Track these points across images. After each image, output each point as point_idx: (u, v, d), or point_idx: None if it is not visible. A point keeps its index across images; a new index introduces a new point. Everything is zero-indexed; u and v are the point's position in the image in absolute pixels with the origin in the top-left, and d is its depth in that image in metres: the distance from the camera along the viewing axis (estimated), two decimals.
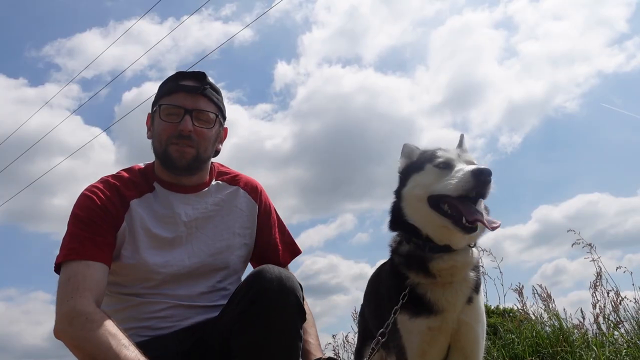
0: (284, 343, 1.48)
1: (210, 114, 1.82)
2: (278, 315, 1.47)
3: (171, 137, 1.77)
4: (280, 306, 1.47)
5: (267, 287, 1.47)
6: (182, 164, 1.78)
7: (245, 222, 1.94)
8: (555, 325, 3.64)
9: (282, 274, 1.52)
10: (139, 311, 1.69)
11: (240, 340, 1.49)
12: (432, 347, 1.67)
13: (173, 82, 1.82)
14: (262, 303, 1.47)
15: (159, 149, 1.81)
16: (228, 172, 2.03)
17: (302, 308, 1.52)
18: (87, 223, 1.66)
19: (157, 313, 1.70)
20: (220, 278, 1.83)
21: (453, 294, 1.66)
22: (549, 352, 3.36)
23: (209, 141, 1.83)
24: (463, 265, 1.67)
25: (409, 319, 1.67)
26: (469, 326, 1.69)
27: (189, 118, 1.76)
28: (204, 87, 1.81)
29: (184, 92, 1.79)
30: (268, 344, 1.46)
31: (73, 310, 1.47)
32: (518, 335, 3.71)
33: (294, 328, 1.51)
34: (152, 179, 1.85)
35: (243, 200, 1.96)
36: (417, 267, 1.67)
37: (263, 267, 1.54)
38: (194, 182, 1.88)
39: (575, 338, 3.43)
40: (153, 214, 1.78)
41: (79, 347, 1.46)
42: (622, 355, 3.06)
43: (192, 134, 1.76)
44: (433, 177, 1.67)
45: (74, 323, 1.46)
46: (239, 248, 1.89)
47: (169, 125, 1.78)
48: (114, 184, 1.78)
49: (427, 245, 1.66)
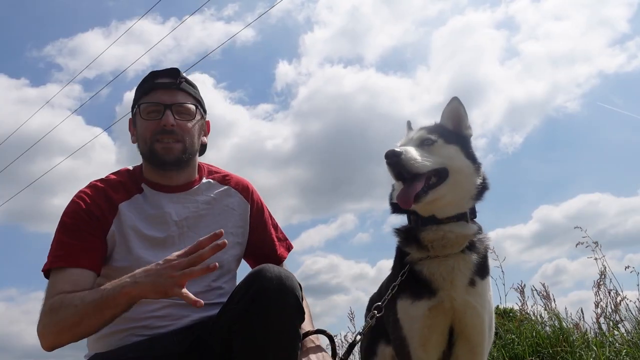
0: (283, 343, 1.47)
1: (190, 105, 1.84)
2: (277, 315, 1.46)
3: (155, 134, 1.78)
4: (280, 306, 1.47)
5: (266, 287, 1.47)
6: (170, 158, 1.78)
7: (237, 221, 1.94)
8: (555, 325, 3.64)
9: (282, 273, 1.52)
10: (135, 311, 1.68)
11: (239, 339, 1.48)
12: (433, 332, 1.66)
13: (148, 82, 1.85)
14: (261, 302, 1.46)
15: (145, 149, 1.82)
16: (218, 172, 2.03)
17: (301, 308, 1.52)
18: (73, 230, 1.68)
19: (153, 312, 1.69)
20: (215, 277, 1.82)
21: (449, 271, 1.67)
22: (549, 352, 3.36)
23: (193, 134, 1.84)
24: (456, 237, 1.68)
25: (410, 303, 1.68)
26: (475, 310, 1.67)
27: (170, 112, 1.77)
28: (179, 82, 1.84)
29: (161, 89, 1.82)
30: (267, 344, 1.45)
31: (49, 306, 1.53)
32: (518, 335, 3.71)
33: (293, 328, 1.50)
34: (140, 181, 1.86)
35: (235, 199, 1.96)
36: (413, 240, 1.73)
37: (263, 267, 1.54)
38: (183, 181, 1.88)
39: (575, 338, 3.42)
40: (143, 215, 1.78)
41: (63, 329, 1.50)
42: (622, 356, 3.06)
43: (175, 128, 1.77)
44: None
45: (51, 314, 1.51)
46: (232, 247, 1.88)
47: (150, 122, 1.79)
48: (101, 188, 1.78)
49: (419, 219, 1.73)
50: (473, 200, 1.74)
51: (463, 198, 1.72)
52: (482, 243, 1.75)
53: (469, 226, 1.71)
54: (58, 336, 1.52)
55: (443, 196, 1.67)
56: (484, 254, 1.75)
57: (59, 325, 1.50)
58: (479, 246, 1.73)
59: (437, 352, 1.70)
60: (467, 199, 1.73)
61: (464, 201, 1.72)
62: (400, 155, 1.62)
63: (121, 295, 1.43)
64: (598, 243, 3.77)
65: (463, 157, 1.74)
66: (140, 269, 1.47)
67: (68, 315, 1.48)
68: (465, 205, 1.72)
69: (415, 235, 1.72)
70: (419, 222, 1.73)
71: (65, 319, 1.48)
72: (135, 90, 1.90)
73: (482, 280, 1.71)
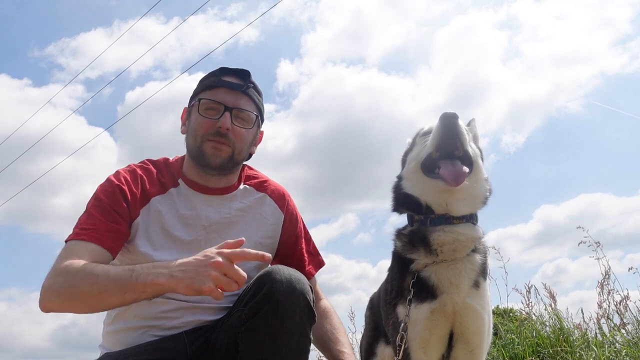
0: (292, 345, 1.45)
1: (251, 113, 1.78)
2: (287, 317, 1.44)
3: (208, 133, 1.73)
4: (290, 308, 1.44)
5: (276, 289, 1.44)
6: (215, 162, 1.74)
7: (268, 232, 1.89)
8: (556, 325, 3.63)
9: (292, 275, 1.49)
10: (148, 310, 1.67)
11: (248, 341, 1.46)
12: (433, 334, 1.65)
13: (215, 77, 1.79)
14: (270, 304, 1.44)
15: (193, 145, 1.77)
16: (256, 177, 1.97)
17: (311, 310, 1.49)
18: (105, 208, 1.65)
19: (166, 313, 1.68)
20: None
21: (457, 275, 1.65)
22: (549, 352, 3.35)
23: (245, 142, 1.79)
24: (466, 240, 1.66)
25: (414, 307, 1.65)
26: (477, 313, 1.67)
27: (229, 115, 1.72)
28: (247, 86, 1.78)
29: (226, 88, 1.76)
30: (276, 346, 1.43)
31: (65, 266, 1.47)
32: (518, 335, 3.71)
33: (303, 330, 1.47)
34: (178, 175, 1.81)
35: (269, 208, 1.91)
36: (420, 244, 1.67)
37: (273, 268, 1.51)
38: (222, 185, 1.84)
39: (576, 338, 3.42)
40: (174, 212, 1.74)
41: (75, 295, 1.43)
42: (622, 356, 3.06)
43: (229, 133, 1.72)
44: (421, 146, 1.76)
45: (66, 275, 1.45)
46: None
47: (207, 120, 1.74)
48: (140, 175, 1.75)
49: (428, 218, 1.69)
50: (482, 204, 1.75)
51: (478, 197, 1.73)
52: (483, 245, 1.76)
53: (476, 228, 1.72)
54: (66, 301, 1.45)
55: (471, 186, 1.68)
56: (485, 255, 1.76)
57: (72, 290, 1.43)
58: (481, 248, 1.74)
59: (437, 354, 1.69)
60: (480, 199, 1.74)
61: (478, 201, 1.73)
62: (459, 119, 1.63)
63: (152, 284, 1.37)
64: (600, 243, 3.77)
65: (481, 161, 1.79)
66: (178, 261, 1.39)
67: (87, 283, 1.41)
68: (476, 206, 1.73)
69: (423, 237, 1.68)
70: (427, 222, 1.69)
71: (81, 286, 1.41)
72: (200, 81, 1.84)
73: (484, 282, 1.72)
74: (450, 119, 1.63)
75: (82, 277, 1.42)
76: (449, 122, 1.63)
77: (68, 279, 1.43)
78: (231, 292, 1.37)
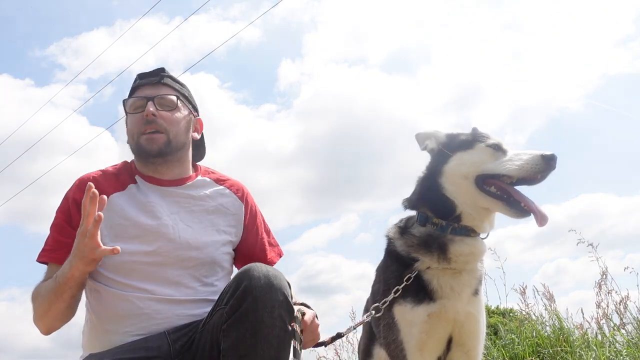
0: (273, 339, 1.47)
1: (171, 96, 1.89)
2: (266, 312, 1.46)
3: (140, 126, 1.83)
4: (268, 303, 1.47)
5: (254, 285, 1.47)
6: (153, 149, 1.82)
7: (230, 221, 1.94)
8: (556, 325, 3.64)
9: (270, 272, 1.52)
10: (125, 308, 1.69)
11: (230, 338, 1.48)
12: (431, 338, 1.64)
13: (135, 82, 1.94)
14: (249, 300, 1.46)
15: (132, 143, 1.87)
16: (214, 172, 2.05)
17: (290, 306, 1.52)
18: (60, 226, 1.79)
19: (144, 309, 1.69)
20: (207, 273, 1.82)
21: (460, 283, 1.66)
22: (549, 352, 3.36)
23: (177, 125, 1.87)
24: (479, 254, 1.68)
25: (411, 308, 1.64)
26: (476, 319, 1.68)
27: (152, 103, 1.84)
28: (162, 77, 1.91)
29: (144, 85, 1.90)
30: (257, 341, 1.45)
31: (32, 296, 1.74)
32: (518, 335, 3.71)
33: (283, 324, 1.49)
34: (135, 173, 1.90)
35: (229, 200, 1.96)
36: (436, 249, 1.65)
37: (251, 265, 1.54)
38: (176, 176, 1.91)
39: (575, 338, 3.42)
40: (136, 204, 1.80)
41: (41, 315, 1.71)
42: (622, 356, 3.06)
43: (156, 118, 1.82)
44: (485, 156, 1.69)
45: (33, 303, 1.73)
46: (223, 245, 1.89)
47: (135, 116, 1.86)
48: (93, 180, 1.80)
49: (450, 227, 1.67)
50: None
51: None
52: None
53: (484, 242, 1.74)
54: (43, 321, 1.73)
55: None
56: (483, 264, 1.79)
57: (38, 312, 1.71)
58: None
59: (433, 356, 1.69)
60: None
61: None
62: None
63: (67, 279, 1.60)
64: (593, 245, 3.80)
65: None
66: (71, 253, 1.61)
67: (40, 302, 1.69)
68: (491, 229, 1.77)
69: (442, 243, 1.66)
70: (448, 229, 1.67)
71: (40, 306, 1.69)
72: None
73: (480, 288, 1.74)
74: (555, 162, 1.61)
75: (38, 299, 1.71)
76: (552, 165, 1.61)
77: (34, 305, 1.73)
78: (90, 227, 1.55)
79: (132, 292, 1.71)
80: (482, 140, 1.73)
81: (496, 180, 1.66)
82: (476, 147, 1.72)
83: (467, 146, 1.74)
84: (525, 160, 1.61)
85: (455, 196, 1.68)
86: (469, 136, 1.78)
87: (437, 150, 1.80)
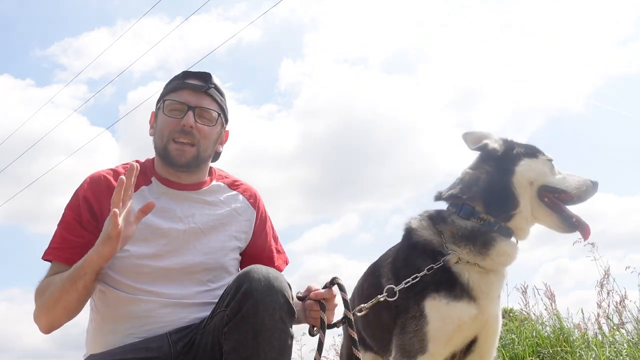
0: (275, 342, 1.46)
1: (213, 112, 1.85)
2: (267, 314, 1.46)
3: (173, 132, 1.80)
4: (269, 305, 1.46)
5: (254, 288, 1.47)
6: (181, 161, 1.80)
7: (242, 227, 1.93)
8: (556, 325, 3.64)
9: (270, 274, 1.52)
10: (131, 310, 1.69)
11: (231, 341, 1.48)
12: (461, 336, 1.65)
13: (179, 80, 1.87)
14: (250, 303, 1.46)
15: (160, 145, 1.83)
16: (228, 177, 2.04)
17: (291, 307, 1.52)
18: (69, 224, 1.74)
19: (150, 312, 1.69)
20: (213, 278, 1.82)
21: (489, 285, 1.67)
22: (549, 352, 3.36)
23: (209, 140, 1.85)
24: (514, 258, 1.72)
25: (446, 303, 1.62)
26: (498, 324, 1.73)
27: (192, 114, 1.79)
28: (209, 87, 1.85)
29: (189, 89, 1.84)
30: (259, 344, 1.45)
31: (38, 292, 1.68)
32: (518, 335, 3.71)
33: (284, 327, 1.49)
34: (151, 174, 1.87)
35: (242, 205, 1.96)
36: (480, 244, 1.67)
37: (251, 267, 1.54)
38: (193, 181, 1.89)
39: (576, 338, 3.43)
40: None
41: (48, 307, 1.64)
42: (622, 356, 3.06)
43: (193, 131, 1.79)
44: (546, 168, 1.80)
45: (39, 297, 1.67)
46: (232, 250, 1.88)
47: (171, 120, 1.81)
48: (104, 178, 1.80)
49: (498, 224, 1.71)
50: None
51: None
52: None
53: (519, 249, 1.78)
54: (48, 315, 1.66)
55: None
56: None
57: (46, 304, 1.64)
58: None
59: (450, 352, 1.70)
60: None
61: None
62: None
63: (86, 263, 1.56)
64: (594, 244, 3.80)
65: None
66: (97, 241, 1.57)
67: (51, 293, 1.63)
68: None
69: (487, 239, 1.68)
70: (496, 227, 1.70)
71: (50, 297, 1.63)
72: (165, 85, 1.91)
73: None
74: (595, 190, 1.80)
75: (48, 290, 1.64)
76: (596, 190, 1.80)
77: (41, 299, 1.66)
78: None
79: (138, 294, 1.71)
80: (542, 153, 1.83)
81: (551, 194, 1.76)
82: (540, 158, 1.82)
83: (531, 154, 1.83)
84: (581, 182, 1.78)
85: (518, 195, 1.74)
86: (526, 146, 1.87)
87: (503, 150, 1.84)
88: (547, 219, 1.76)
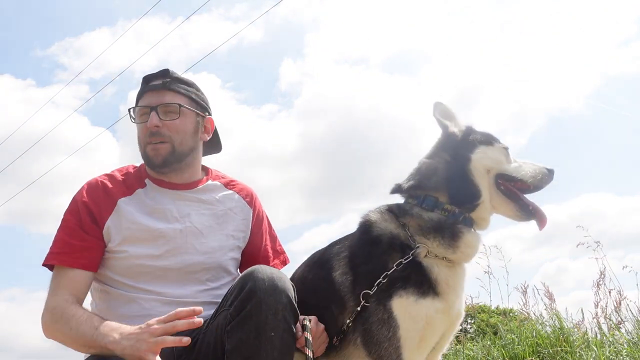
0: (277, 342, 1.47)
1: (175, 104, 1.84)
2: (270, 314, 1.46)
3: (145, 136, 1.82)
4: (272, 305, 1.47)
5: (258, 287, 1.47)
6: (158, 161, 1.81)
7: (239, 226, 1.94)
8: (556, 325, 3.64)
9: (274, 274, 1.52)
10: (131, 309, 1.70)
11: (234, 340, 1.48)
12: (433, 336, 1.59)
13: (141, 86, 1.90)
14: (254, 302, 1.46)
15: (141, 151, 1.87)
16: (224, 177, 2.04)
17: (294, 307, 1.52)
18: (71, 228, 1.74)
19: (150, 311, 1.70)
20: (212, 278, 1.83)
21: (455, 278, 1.62)
22: (549, 352, 3.36)
23: (183, 132, 1.84)
24: (478, 249, 1.70)
25: (414, 301, 1.53)
26: (461, 318, 1.70)
27: (155, 114, 1.80)
28: (166, 81, 1.86)
29: (149, 91, 1.86)
30: (261, 343, 1.45)
31: (51, 310, 1.65)
32: (518, 335, 3.72)
33: (287, 327, 1.49)
34: (144, 176, 1.89)
35: (238, 204, 1.97)
36: (448, 236, 1.61)
37: (255, 267, 1.54)
38: (186, 180, 1.90)
39: (575, 338, 3.43)
40: (144, 208, 1.80)
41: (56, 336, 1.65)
42: (622, 356, 3.06)
43: (160, 129, 1.80)
44: (502, 156, 1.76)
45: (47, 318, 1.65)
46: (231, 250, 1.89)
47: (142, 126, 1.84)
48: (101, 183, 1.81)
49: (462, 215, 1.66)
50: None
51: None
52: None
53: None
54: (53, 337, 1.67)
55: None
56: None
57: (55, 332, 1.65)
58: None
59: (425, 354, 1.65)
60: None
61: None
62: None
63: (105, 345, 1.53)
64: (599, 243, 3.80)
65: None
66: (128, 328, 1.53)
67: (62, 331, 1.62)
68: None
69: (454, 231, 1.62)
70: (461, 218, 1.65)
71: (59, 331, 1.63)
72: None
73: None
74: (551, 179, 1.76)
75: (61, 324, 1.62)
76: (552, 179, 1.76)
77: (52, 322, 1.65)
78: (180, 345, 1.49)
79: (138, 293, 1.73)
80: (498, 141, 1.79)
81: (507, 182, 1.73)
82: (496, 146, 1.77)
83: (488, 142, 1.77)
84: (537, 170, 1.73)
85: (478, 184, 1.70)
86: (480, 133, 1.82)
87: (461, 136, 1.79)
88: (504, 207, 1.73)
